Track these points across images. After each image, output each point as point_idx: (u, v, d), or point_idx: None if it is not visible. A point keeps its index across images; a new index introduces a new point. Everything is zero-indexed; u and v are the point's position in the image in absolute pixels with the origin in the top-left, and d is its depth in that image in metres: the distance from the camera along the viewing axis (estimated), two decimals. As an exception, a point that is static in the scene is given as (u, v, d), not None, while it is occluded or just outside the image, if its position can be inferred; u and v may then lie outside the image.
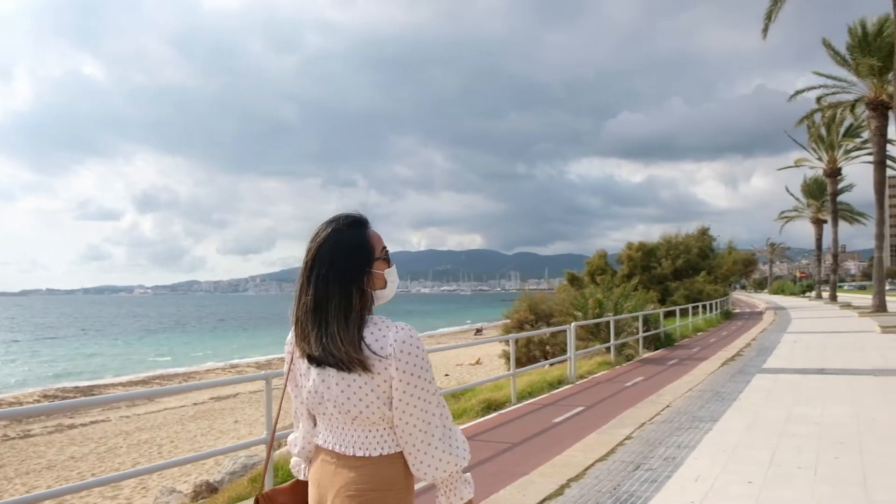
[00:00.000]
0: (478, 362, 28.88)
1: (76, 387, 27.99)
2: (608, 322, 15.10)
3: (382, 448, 1.77)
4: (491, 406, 9.57)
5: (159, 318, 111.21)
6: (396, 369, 1.72)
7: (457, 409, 9.61)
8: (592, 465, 5.96)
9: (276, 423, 2.54)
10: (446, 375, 25.73)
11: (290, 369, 1.94)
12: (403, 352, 1.72)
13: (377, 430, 1.78)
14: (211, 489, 8.18)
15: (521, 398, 10.14)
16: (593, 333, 16.53)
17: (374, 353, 1.72)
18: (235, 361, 38.45)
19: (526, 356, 17.70)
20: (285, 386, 1.99)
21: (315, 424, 1.94)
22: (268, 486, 5.61)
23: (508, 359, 12.00)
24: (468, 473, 1.88)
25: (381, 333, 1.75)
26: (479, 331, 53.56)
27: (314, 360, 1.79)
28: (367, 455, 1.77)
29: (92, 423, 18.55)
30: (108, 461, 13.74)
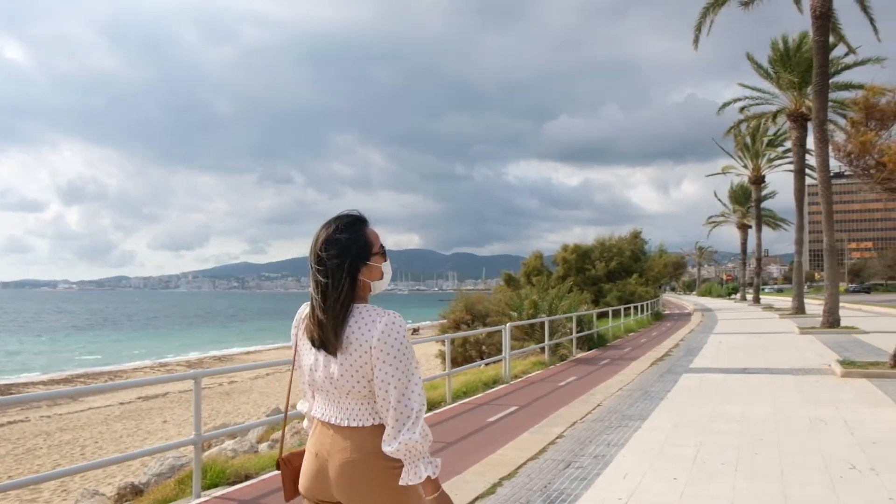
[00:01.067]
0: (414, 362, 28.82)
1: (-7, 386, 26.72)
2: (543, 323, 15.33)
3: (374, 419, 2.04)
4: (426, 406, 9.57)
5: (87, 314, 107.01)
6: (380, 351, 1.97)
7: (392, 409, 9.58)
8: (524, 463, 6.04)
9: (287, 404, 2.53)
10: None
11: (295, 350, 2.23)
12: (385, 338, 1.97)
13: (368, 403, 2.04)
14: (136, 491, 7.93)
15: (456, 398, 10.19)
16: (528, 334, 16.75)
17: (363, 338, 1.99)
18: (165, 360, 37.35)
19: (462, 356, 17.80)
20: (293, 366, 2.27)
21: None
22: (195, 488, 5.47)
23: (444, 359, 12.04)
24: (435, 458, 2.02)
25: (372, 321, 2.01)
26: (415, 331, 53.55)
27: (314, 343, 2.06)
28: (360, 425, 2.04)
29: (9, 423, 17.72)
30: (26, 463, 13.17)
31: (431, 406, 9.63)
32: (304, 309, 2.20)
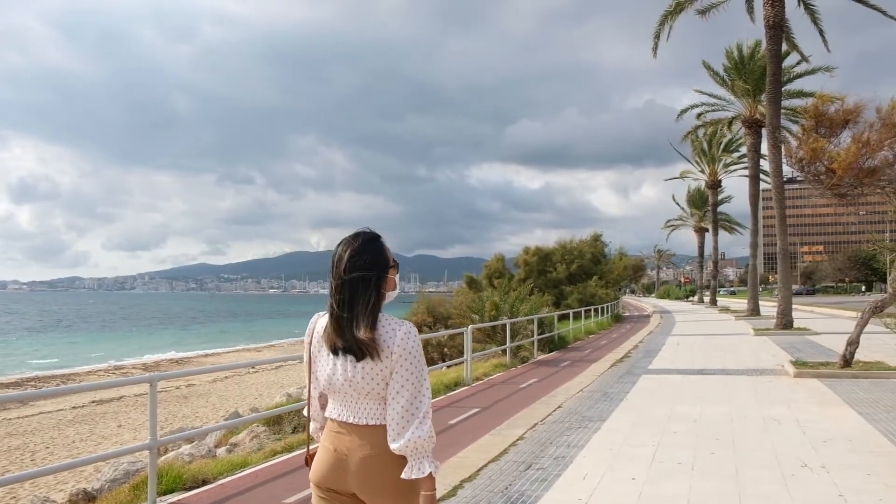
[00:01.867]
0: (376, 364, 28.71)
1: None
2: (504, 325, 15.41)
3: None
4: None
5: (39, 315, 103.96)
6: (399, 356, 2.19)
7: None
8: (485, 465, 6.05)
9: (313, 396, 2.51)
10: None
11: (309, 358, 2.42)
12: (405, 345, 2.20)
13: (384, 403, 2.24)
14: (89, 498, 7.74)
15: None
16: (490, 336, 16.81)
17: (384, 344, 2.20)
18: (120, 363, 36.52)
19: (424, 358, 17.78)
20: (308, 369, 2.44)
21: (322, 404, 2.45)
22: (151, 493, 5.36)
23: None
24: (435, 461, 2.24)
25: (392, 329, 2.22)
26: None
27: (339, 349, 2.24)
28: (377, 424, 2.23)
29: (-46, 430, 17.12)
30: (-29, 471, 12.72)
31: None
32: (318, 320, 2.42)
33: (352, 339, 2.20)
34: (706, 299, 55.51)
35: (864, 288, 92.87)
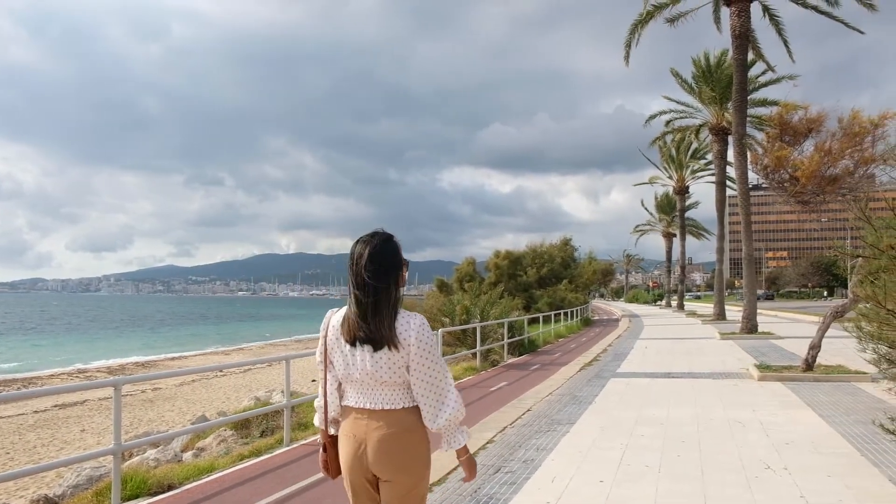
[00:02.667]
0: (346, 367, 28.55)
1: None
2: (475, 328, 15.44)
3: (403, 402, 2.49)
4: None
5: (1, 318, 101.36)
6: (416, 347, 2.44)
7: (322, 416, 9.46)
8: (455, 468, 6.05)
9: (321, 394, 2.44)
10: (313, 381, 25.28)
11: (325, 351, 2.62)
12: (420, 336, 2.45)
13: (399, 390, 2.49)
14: (50, 505, 7.58)
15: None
16: (460, 339, 16.84)
17: (402, 335, 2.44)
18: (85, 366, 35.79)
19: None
20: (325, 364, 2.63)
21: (341, 393, 2.64)
22: (115, 499, 5.27)
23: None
24: (465, 427, 2.56)
25: (407, 321, 2.47)
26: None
27: (360, 341, 2.46)
28: (392, 408, 2.49)
29: None
30: (-73, 479, 12.36)
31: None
32: (332, 315, 2.63)
33: (376, 331, 2.44)
34: (674, 303, 56.24)
35: (826, 293, 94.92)
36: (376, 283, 2.44)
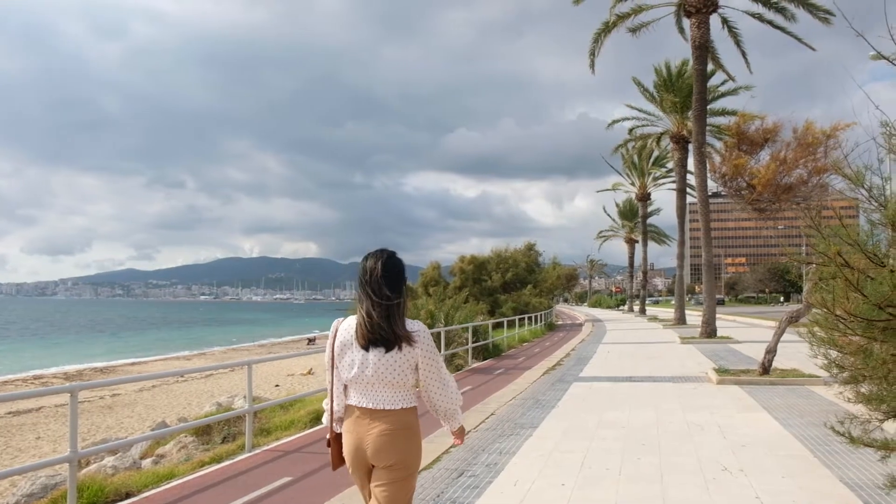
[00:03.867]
0: (310, 373, 28.36)
1: None
2: (439, 332, 15.47)
3: (403, 403, 2.84)
4: (319, 417, 9.45)
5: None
6: (421, 349, 2.84)
7: (284, 421, 9.40)
8: (418, 473, 6.06)
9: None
10: (276, 386, 25.02)
11: (332, 355, 2.92)
12: (423, 340, 2.85)
13: (399, 391, 2.83)
14: (2, 515, 7.38)
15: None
16: (425, 344, 16.83)
17: (411, 338, 2.81)
18: (41, 372, 34.87)
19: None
20: (331, 366, 2.94)
21: (346, 394, 2.93)
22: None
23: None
24: (460, 413, 3.12)
25: (413, 328, 2.85)
26: (311, 340, 52.63)
27: (373, 344, 2.79)
28: (392, 408, 2.81)
29: None
30: None
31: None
32: (340, 324, 2.94)
33: (389, 333, 2.77)
34: (636, 308, 57.02)
35: (782, 299, 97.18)
36: (389, 292, 2.79)
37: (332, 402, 2.98)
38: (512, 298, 33.72)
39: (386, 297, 2.77)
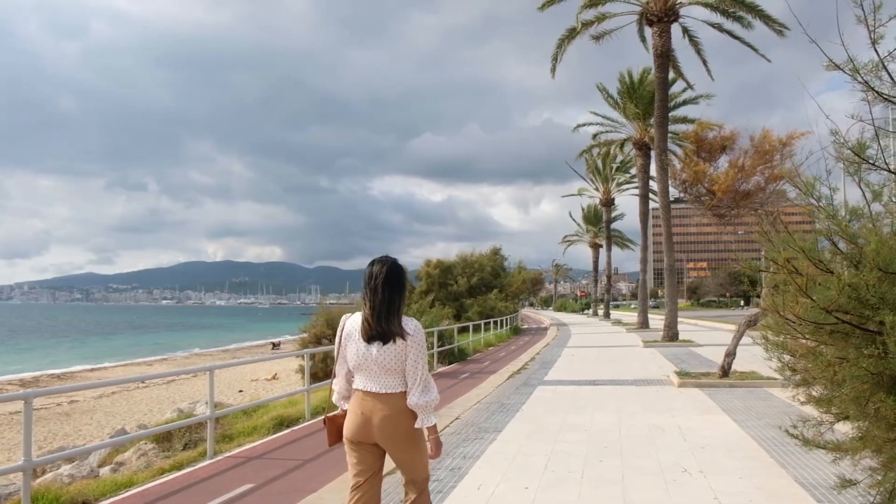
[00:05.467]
0: (274, 378, 28.06)
1: None
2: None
3: (400, 387, 3.31)
4: (283, 423, 9.39)
5: None
6: (412, 343, 3.29)
7: (248, 426, 9.30)
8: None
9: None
10: (240, 392, 24.70)
11: (339, 346, 3.41)
12: (416, 335, 3.31)
13: (397, 377, 3.30)
14: (-47, 527, 7.17)
15: (315, 414, 10.04)
16: (390, 348, 16.80)
17: (406, 333, 3.28)
18: (-8, 378, 33.89)
19: (324, 371, 17.52)
20: (336, 357, 3.45)
21: (350, 379, 3.44)
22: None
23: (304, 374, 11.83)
24: (437, 411, 3.39)
25: (406, 323, 3.32)
26: (276, 345, 52.12)
27: (376, 337, 3.26)
28: (391, 392, 3.30)
29: None
30: None
31: (289, 423, 9.43)
32: (347, 320, 3.44)
33: (387, 329, 3.24)
34: (600, 312, 57.63)
35: (742, 303, 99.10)
36: (390, 294, 3.28)
37: (337, 384, 3.49)
38: (478, 303, 33.83)
39: (386, 298, 3.26)
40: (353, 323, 3.38)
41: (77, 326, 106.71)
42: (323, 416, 3.57)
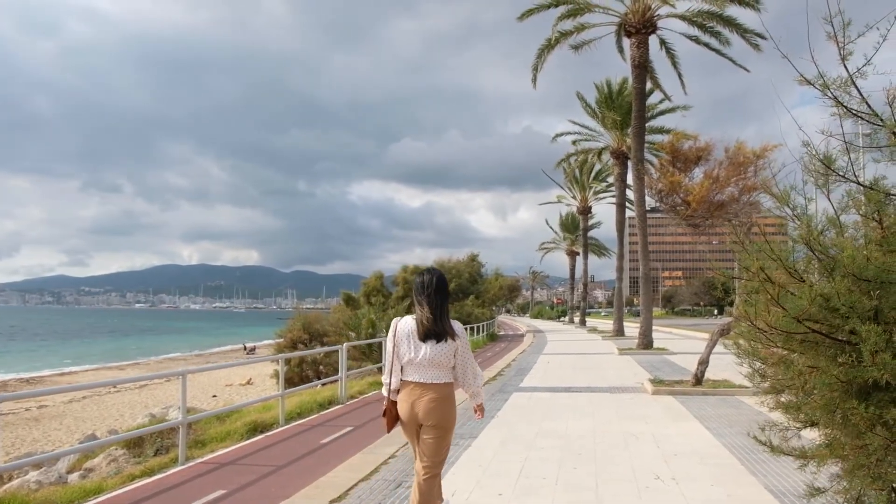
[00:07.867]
0: (249, 382, 27.83)
1: None
2: (381, 342, 15.40)
3: (445, 379, 4.06)
4: (257, 428, 9.30)
5: None
6: (460, 342, 4.08)
7: (221, 432, 9.20)
8: (356, 484, 6.03)
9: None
10: (214, 396, 24.46)
11: (395, 345, 4.08)
12: (462, 335, 4.11)
13: (444, 370, 4.04)
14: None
15: (289, 419, 9.97)
16: (366, 354, 16.75)
17: (454, 333, 4.05)
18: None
19: (299, 376, 17.43)
20: (392, 355, 4.10)
21: (401, 371, 4.12)
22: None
23: (279, 379, 11.75)
24: (483, 392, 4.39)
25: (454, 326, 4.08)
26: (251, 350, 51.65)
27: (431, 336, 3.98)
28: (440, 382, 4.03)
29: None
30: None
31: (263, 428, 9.35)
32: (402, 320, 4.15)
33: (442, 329, 3.99)
34: (577, 320, 57.94)
35: (716, 311, 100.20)
36: (442, 299, 4.04)
37: (390, 378, 4.12)
38: (454, 309, 33.83)
39: (439, 304, 4.01)
40: (405, 324, 4.09)
41: (52, 329, 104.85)
42: (383, 409, 4.21)
